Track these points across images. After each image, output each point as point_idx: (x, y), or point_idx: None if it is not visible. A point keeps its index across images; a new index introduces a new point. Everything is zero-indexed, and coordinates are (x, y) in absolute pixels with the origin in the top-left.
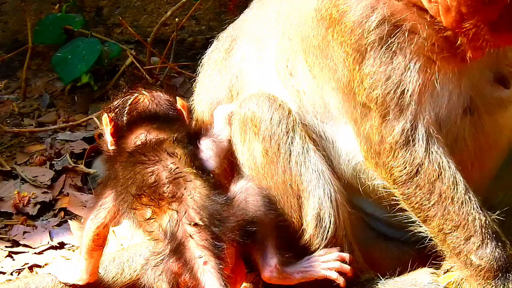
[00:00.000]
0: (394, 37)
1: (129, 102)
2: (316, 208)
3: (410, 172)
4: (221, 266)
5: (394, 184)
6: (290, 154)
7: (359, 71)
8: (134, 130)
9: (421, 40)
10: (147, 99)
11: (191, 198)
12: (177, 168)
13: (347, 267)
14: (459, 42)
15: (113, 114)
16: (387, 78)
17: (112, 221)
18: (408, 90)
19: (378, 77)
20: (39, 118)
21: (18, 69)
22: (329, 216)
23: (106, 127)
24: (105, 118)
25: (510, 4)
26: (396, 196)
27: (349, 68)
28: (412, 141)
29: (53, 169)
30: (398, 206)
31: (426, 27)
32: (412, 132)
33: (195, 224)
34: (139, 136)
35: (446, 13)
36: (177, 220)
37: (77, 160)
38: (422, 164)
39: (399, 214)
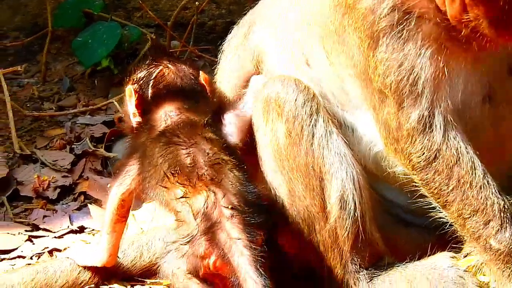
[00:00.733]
0: (405, 24)
1: (154, 75)
2: (339, 190)
3: (428, 157)
4: (255, 252)
5: (413, 170)
6: (313, 137)
7: (373, 57)
8: (161, 104)
9: (430, 28)
10: (172, 72)
11: (231, 184)
12: (215, 153)
13: None
14: (463, 33)
15: (137, 86)
16: (399, 65)
17: (137, 189)
18: (420, 77)
19: (391, 63)
20: (59, 102)
21: (38, 53)
22: (353, 198)
23: (129, 98)
24: (129, 89)
25: (510, 2)
26: (415, 182)
27: (364, 55)
28: (429, 127)
29: (73, 153)
30: (419, 193)
31: (433, 15)
32: (429, 119)
33: (233, 208)
34: (169, 114)
35: (450, 3)
36: (214, 202)
37: (97, 144)
38: (440, 149)
39: (420, 200)
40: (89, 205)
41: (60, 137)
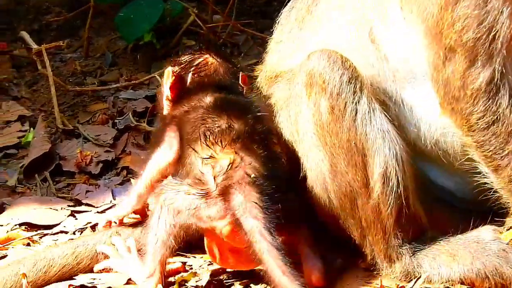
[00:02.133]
0: None
1: (197, 62)
2: (382, 166)
3: (489, 120)
4: (269, 218)
5: (469, 131)
6: (356, 113)
7: (451, 12)
8: (197, 92)
9: None
10: (215, 65)
11: (260, 155)
12: (253, 131)
13: None
14: None
15: (177, 69)
16: (480, 22)
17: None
18: (499, 37)
19: (471, 20)
20: (102, 77)
21: (81, 28)
22: (396, 174)
23: (166, 79)
24: (168, 71)
25: None
26: (467, 144)
27: (440, 8)
28: (496, 90)
29: (116, 127)
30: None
31: None
32: (499, 82)
33: (256, 177)
34: (205, 99)
35: None
36: (238, 165)
37: (139, 118)
38: (503, 114)
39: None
40: (131, 179)
41: (103, 112)
